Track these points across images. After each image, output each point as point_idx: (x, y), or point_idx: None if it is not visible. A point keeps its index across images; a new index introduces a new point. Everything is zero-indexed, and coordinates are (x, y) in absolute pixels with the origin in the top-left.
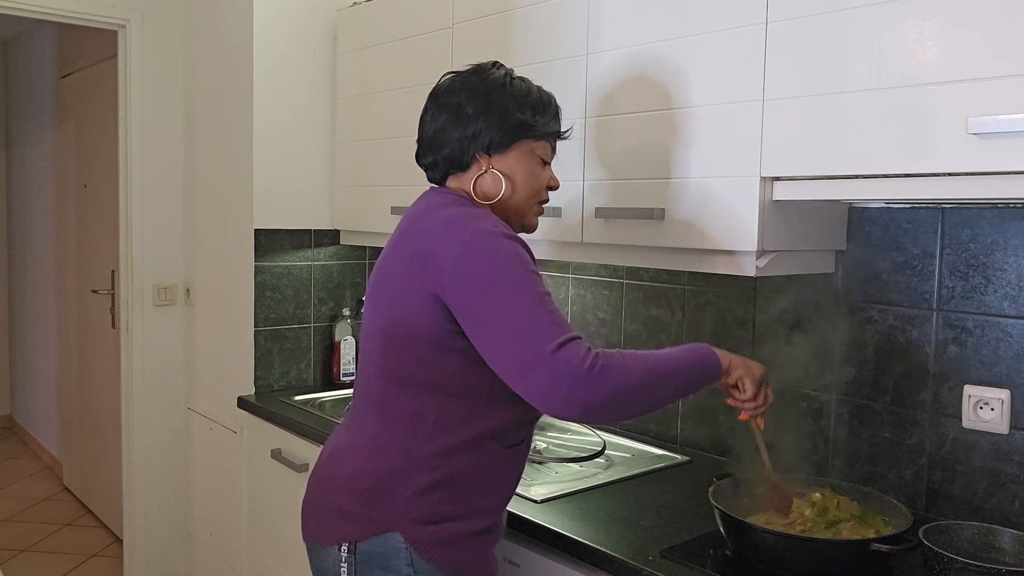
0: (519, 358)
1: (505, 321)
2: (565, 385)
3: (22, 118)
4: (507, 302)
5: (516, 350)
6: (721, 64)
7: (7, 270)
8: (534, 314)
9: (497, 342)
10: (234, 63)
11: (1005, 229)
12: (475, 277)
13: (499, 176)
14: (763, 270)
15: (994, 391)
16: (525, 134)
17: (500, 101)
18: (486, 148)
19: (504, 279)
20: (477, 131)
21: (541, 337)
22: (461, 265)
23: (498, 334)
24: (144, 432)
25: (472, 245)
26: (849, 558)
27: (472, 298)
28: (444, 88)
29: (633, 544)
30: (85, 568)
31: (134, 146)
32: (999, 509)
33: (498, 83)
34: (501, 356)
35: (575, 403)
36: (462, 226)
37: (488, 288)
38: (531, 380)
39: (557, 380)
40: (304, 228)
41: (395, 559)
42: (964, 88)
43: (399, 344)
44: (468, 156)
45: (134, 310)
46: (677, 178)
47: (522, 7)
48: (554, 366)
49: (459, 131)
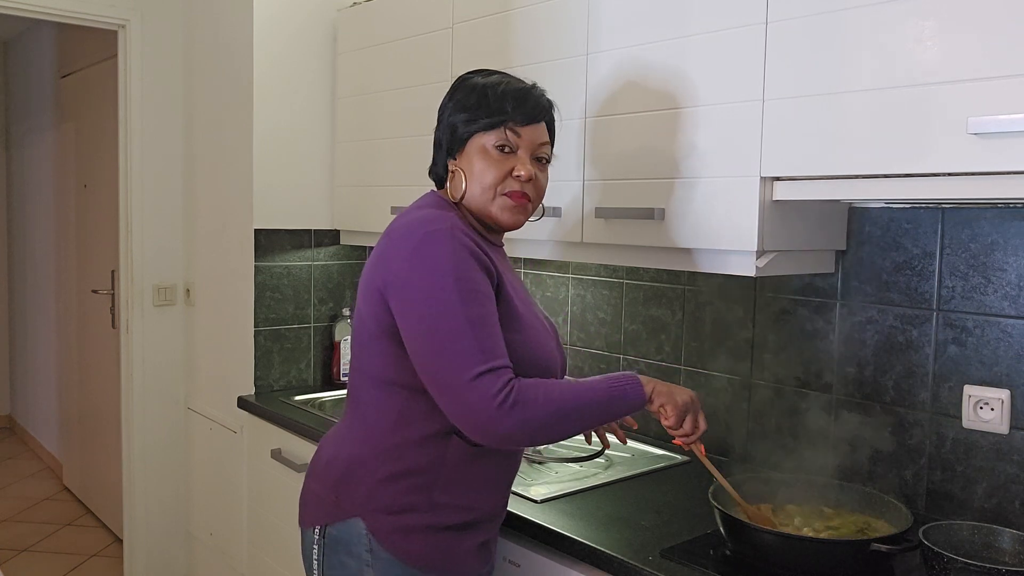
0: (439, 379)
1: (432, 339)
2: (476, 416)
3: (22, 118)
4: (437, 319)
5: (437, 371)
6: (721, 64)
7: (7, 270)
8: (459, 337)
9: (422, 357)
10: (234, 63)
11: (1005, 229)
12: (414, 287)
13: (460, 174)
14: (763, 270)
15: (994, 391)
16: (470, 129)
17: (444, 107)
18: (449, 154)
19: (441, 293)
20: (438, 142)
21: (460, 363)
22: (404, 270)
23: (424, 349)
24: (144, 432)
25: (419, 251)
26: (849, 558)
27: (408, 306)
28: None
29: (633, 544)
30: (85, 568)
31: (134, 146)
32: (999, 509)
33: (451, 90)
34: (425, 371)
35: (486, 434)
36: (416, 229)
37: (423, 299)
38: (447, 403)
39: (469, 410)
40: (304, 228)
41: (356, 544)
42: (964, 88)
43: (364, 341)
44: (445, 164)
45: (134, 310)
46: (677, 178)
47: (522, 7)
48: (468, 395)
49: (435, 146)
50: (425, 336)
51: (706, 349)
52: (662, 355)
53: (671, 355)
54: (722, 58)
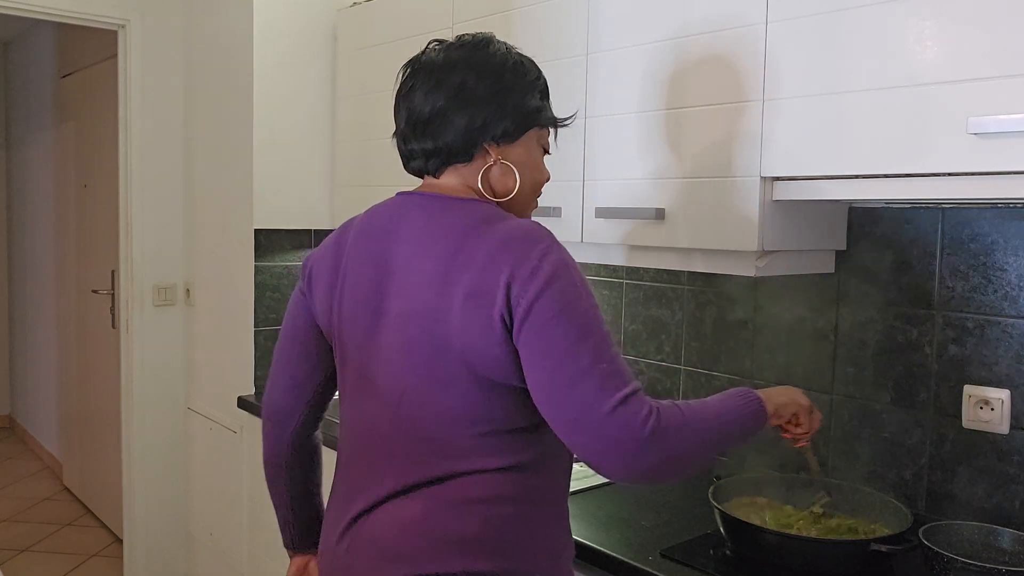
0: (572, 411)
1: (565, 367)
2: (623, 453)
3: (22, 118)
4: (574, 345)
5: (571, 404)
6: (721, 64)
7: (7, 270)
8: (595, 360)
9: (550, 388)
10: (234, 63)
11: (1005, 229)
12: (544, 312)
13: (510, 168)
14: (763, 270)
15: (994, 391)
16: (535, 121)
17: (513, 84)
18: (496, 137)
19: (574, 316)
20: (488, 118)
21: (598, 390)
22: (531, 296)
23: (555, 382)
24: (144, 432)
25: (549, 272)
26: (849, 558)
27: (547, 332)
28: (441, 63)
29: (633, 544)
30: (85, 568)
31: (134, 146)
32: (999, 509)
33: (508, 63)
34: (553, 402)
35: (626, 471)
36: (535, 244)
37: (558, 325)
38: (582, 438)
39: (614, 446)
40: (304, 228)
41: None
42: (964, 88)
43: (464, 388)
44: (475, 146)
45: (134, 310)
46: (677, 178)
47: (522, 7)
48: (609, 427)
49: (465, 117)
50: (557, 370)
51: (706, 349)
52: (662, 355)
53: (671, 355)
54: (722, 58)
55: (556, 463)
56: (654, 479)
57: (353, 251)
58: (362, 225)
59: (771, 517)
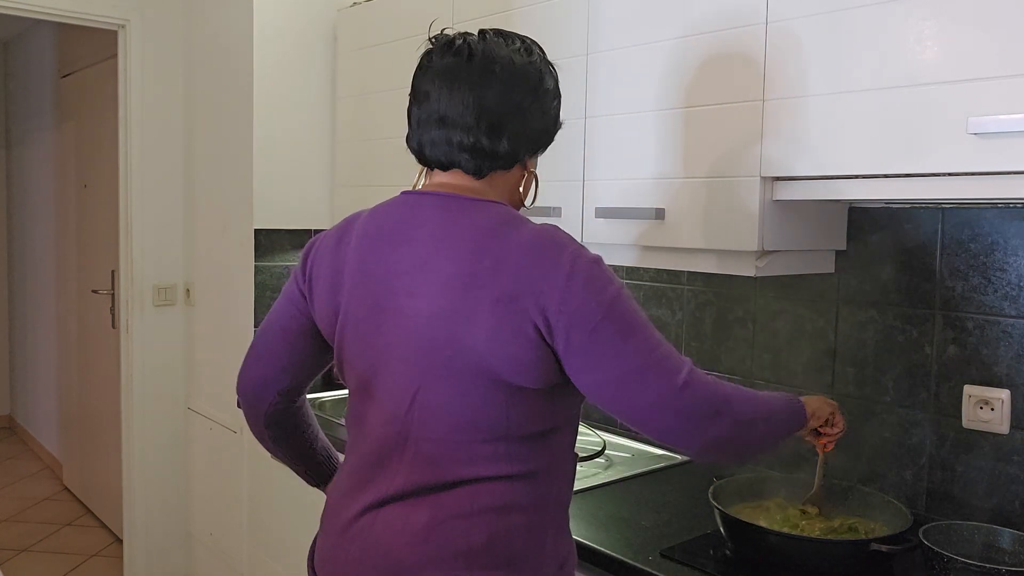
0: (647, 401)
1: (630, 361)
2: (705, 428)
3: (22, 118)
4: (630, 340)
5: (646, 393)
6: (721, 64)
7: (7, 270)
8: (651, 348)
9: (622, 386)
10: (234, 63)
11: (1005, 229)
12: (591, 315)
13: (534, 180)
14: (763, 270)
15: (994, 391)
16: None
17: (550, 93)
18: (536, 150)
19: (622, 313)
20: (544, 129)
21: (667, 372)
22: (575, 302)
23: (623, 377)
24: (144, 432)
25: (584, 274)
26: (849, 558)
27: (589, 333)
28: (519, 64)
29: (633, 544)
30: (85, 568)
31: (134, 146)
32: (999, 509)
33: (544, 68)
34: (620, 397)
35: (703, 440)
36: (559, 251)
37: (610, 324)
38: (661, 425)
39: (690, 417)
40: (304, 228)
41: None
42: (964, 88)
43: (492, 396)
44: (522, 155)
45: (134, 310)
46: (677, 178)
47: (522, 7)
48: (686, 403)
49: (540, 120)
50: (622, 361)
51: (706, 349)
52: None
53: None
54: (722, 58)
55: (563, 470)
56: (738, 448)
57: (359, 252)
58: (367, 226)
59: (771, 517)
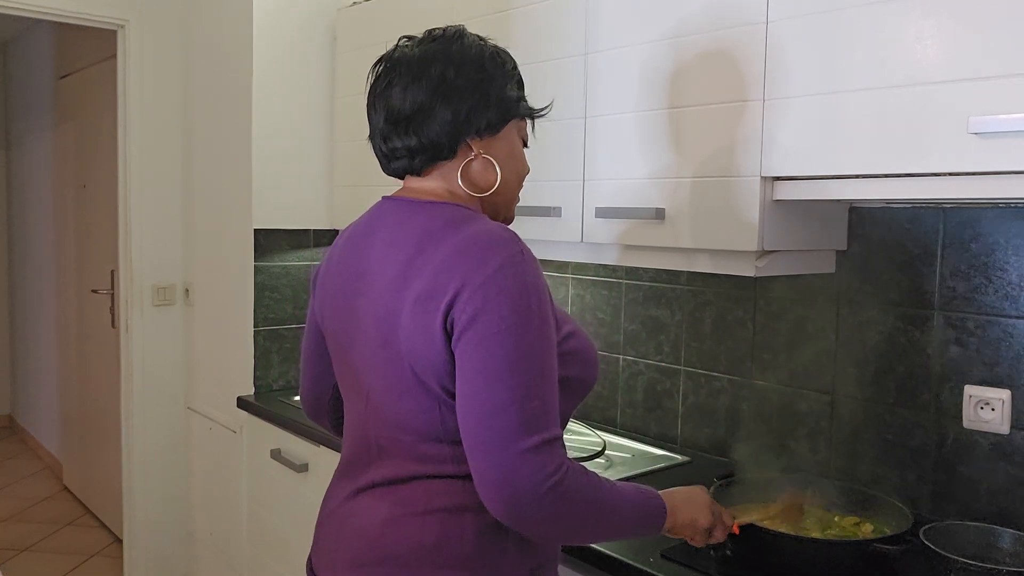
0: (485, 440)
1: (494, 391)
2: (516, 493)
3: (21, 118)
4: (510, 370)
5: (487, 429)
6: (721, 63)
7: (7, 270)
8: (527, 394)
9: (474, 410)
10: (233, 63)
11: (1006, 229)
12: (493, 326)
13: (491, 163)
14: (763, 270)
15: (995, 391)
16: (515, 112)
17: (493, 74)
18: (480, 131)
19: (519, 339)
20: (471, 110)
21: (515, 429)
22: (486, 304)
23: (479, 402)
24: (144, 432)
25: (497, 283)
26: (850, 558)
27: (483, 345)
28: (418, 58)
29: (633, 545)
30: (85, 568)
31: (133, 146)
32: (1000, 509)
33: (485, 53)
34: (471, 426)
35: (518, 517)
36: (488, 254)
37: (502, 340)
38: (485, 467)
39: (511, 484)
40: (303, 228)
41: None
42: (964, 88)
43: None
44: (459, 140)
45: (134, 310)
46: (677, 178)
47: (522, 7)
48: (517, 467)
49: (449, 110)
50: (495, 387)
51: (706, 349)
52: (661, 355)
53: (671, 355)
54: (722, 57)
55: None
56: (534, 532)
57: (338, 257)
58: (350, 231)
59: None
